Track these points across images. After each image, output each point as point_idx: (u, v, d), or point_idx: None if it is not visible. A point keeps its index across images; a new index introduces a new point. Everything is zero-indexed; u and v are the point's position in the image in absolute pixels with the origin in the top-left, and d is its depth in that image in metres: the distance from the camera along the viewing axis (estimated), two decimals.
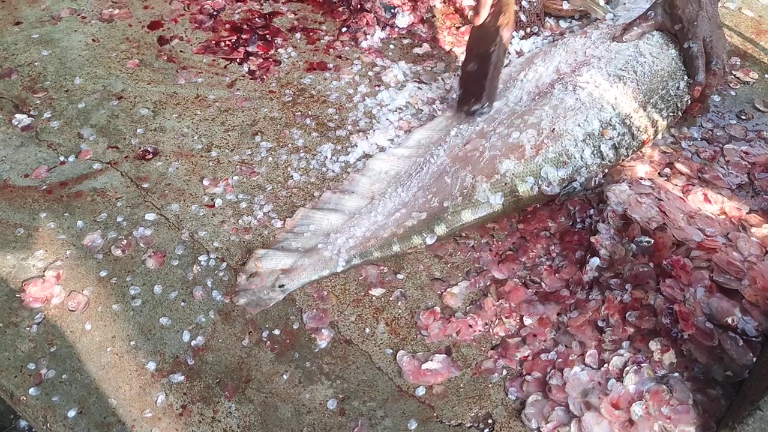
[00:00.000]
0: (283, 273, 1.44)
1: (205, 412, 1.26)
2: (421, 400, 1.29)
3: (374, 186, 1.60)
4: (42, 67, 1.91)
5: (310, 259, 1.46)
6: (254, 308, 1.40)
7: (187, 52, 1.99)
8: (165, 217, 1.57)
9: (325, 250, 1.47)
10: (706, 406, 1.18)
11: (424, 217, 1.48)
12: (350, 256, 1.46)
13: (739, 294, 1.28)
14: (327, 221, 1.54)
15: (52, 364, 1.32)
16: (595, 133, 1.56)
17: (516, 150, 1.53)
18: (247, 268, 1.46)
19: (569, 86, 1.64)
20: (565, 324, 1.36)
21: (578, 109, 1.58)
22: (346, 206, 1.57)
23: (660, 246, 1.37)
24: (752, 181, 1.60)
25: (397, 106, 1.82)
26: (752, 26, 2.08)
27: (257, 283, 1.43)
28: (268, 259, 1.47)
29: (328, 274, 1.45)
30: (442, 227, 1.48)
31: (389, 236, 1.47)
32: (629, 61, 1.67)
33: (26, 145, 1.71)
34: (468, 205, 1.49)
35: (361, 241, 1.47)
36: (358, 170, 1.65)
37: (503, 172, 1.50)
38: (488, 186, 1.49)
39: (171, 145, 1.72)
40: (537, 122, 1.57)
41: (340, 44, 2.03)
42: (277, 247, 1.50)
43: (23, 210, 1.57)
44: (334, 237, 1.49)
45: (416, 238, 1.47)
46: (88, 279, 1.45)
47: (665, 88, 1.66)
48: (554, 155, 1.53)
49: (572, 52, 1.78)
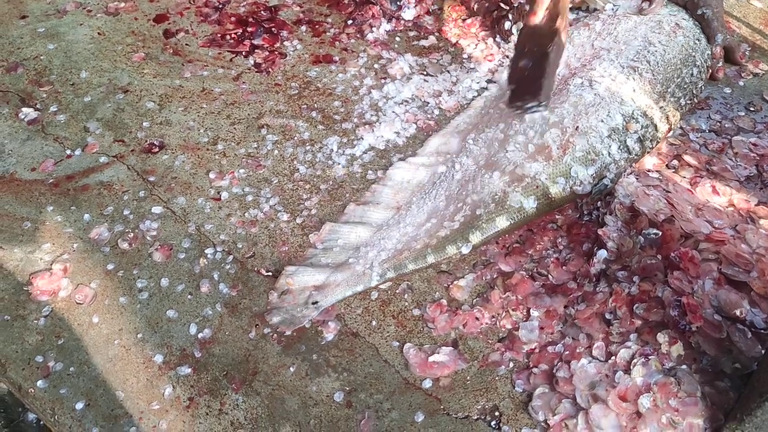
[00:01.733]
0: (316, 289, 1.40)
1: (212, 405, 1.27)
2: (428, 393, 1.28)
3: (398, 196, 1.57)
4: (48, 61, 1.91)
5: (343, 275, 1.42)
6: (288, 326, 1.36)
7: (192, 46, 1.99)
8: (171, 210, 1.57)
9: (357, 265, 1.43)
10: (715, 398, 1.18)
11: (457, 226, 1.45)
12: (383, 269, 1.42)
13: (748, 286, 1.28)
14: (355, 234, 1.50)
15: (60, 357, 1.32)
16: (619, 127, 1.54)
17: (542, 151, 1.50)
18: (278, 285, 1.42)
19: (585, 81, 1.63)
20: (573, 316, 1.35)
21: (599, 105, 1.57)
22: (373, 218, 1.53)
23: (668, 238, 1.36)
24: (761, 172, 1.59)
25: (403, 99, 1.82)
26: (761, 17, 2.06)
27: (290, 300, 1.39)
28: (300, 276, 1.42)
29: (363, 288, 1.41)
30: (476, 235, 1.44)
31: (422, 247, 1.44)
32: (640, 51, 1.67)
33: (33, 139, 1.71)
34: (502, 211, 1.45)
35: (393, 254, 1.44)
36: (380, 181, 1.61)
37: (533, 175, 1.47)
38: (520, 190, 1.46)
39: (177, 139, 1.72)
40: (559, 121, 1.55)
41: (346, 37, 2.02)
42: (307, 264, 1.46)
43: (30, 203, 1.57)
44: (364, 251, 1.46)
45: (451, 248, 1.44)
46: (95, 272, 1.45)
47: (680, 75, 1.66)
48: (582, 153, 1.50)
49: (579, 45, 1.77)
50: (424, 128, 1.75)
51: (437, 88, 1.85)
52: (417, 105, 1.81)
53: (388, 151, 1.70)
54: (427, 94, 1.83)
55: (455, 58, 1.95)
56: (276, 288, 1.42)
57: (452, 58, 1.95)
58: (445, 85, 1.86)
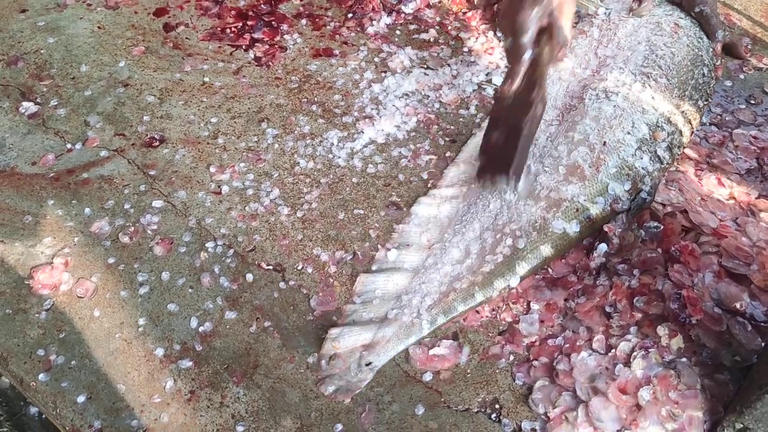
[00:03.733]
0: (366, 349, 1.32)
1: (213, 398, 1.27)
2: (429, 386, 1.29)
3: (427, 234, 1.49)
4: (48, 55, 1.91)
5: (391, 328, 1.33)
6: (345, 394, 1.27)
7: (192, 39, 1.98)
8: (172, 204, 1.57)
9: (404, 315, 1.34)
10: (714, 390, 1.18)
11: (501, 259, 1.38)
12: (432, 316, 1.34)
13: (748, 279, 1.28)
14: (392, 283, 1.42)
15: (62, 350, 1.33)
16: (647, 138, 1.51)
17: (575, 172, 1.45)
18: (323, 351, 1.32)
19: (600, 93, 1.58)
20: (573, 309, 1.35)
21: (621, 117, 1.52)
22: (406, 262, 1.45)
23: (669, 232, 1.37)
24: (761, 165, 1.59)
25: (404, 92, 1.81)
26: (762, 9, 2.06)
27: (340, 365, 1.30)
28: (345, 338, 1.33)
29: (415, 340, 1.32)
30: (523, 266, 1.38)
31: (469, 286, 1.36)
32: (648, 56, 1.64)
33: (33, 133, 1.71)
34: (545, 239, 1.39)
35: (439, 298, 1.36)
36: (404, 219, 1.53)
37: (570, 198, 1.42)
38: (561, 215, 1.41)
39: (177, 132, 1.72)
40: (584, 138, 1.50)
41: (346, 30, 2.02)
42: (349, 322, 1.37)
43: (31, 197, 1.57)
44: (407, 299, 1.37)
45: (499, 282, 1.37)
46: (96, 266, 1.45)
47: (694, 77, 1.63)
48: (616, 169, 1.46)
49: (582, 55, 1.73)
50: (424, 121, 1.75)
51: (437, 82, 1.85)
52: (417, 98, 1.81)
53: (389, 144, 1.70)
54: (427, 88, 1.83)
55: (456, 51, 1.95)
56: (323, 354, 1.32)
57: (452, 51, 1.95)
58: (445, 79, 1.86)
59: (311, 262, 1.47)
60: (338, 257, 1.48)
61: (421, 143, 1.70)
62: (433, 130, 1.73)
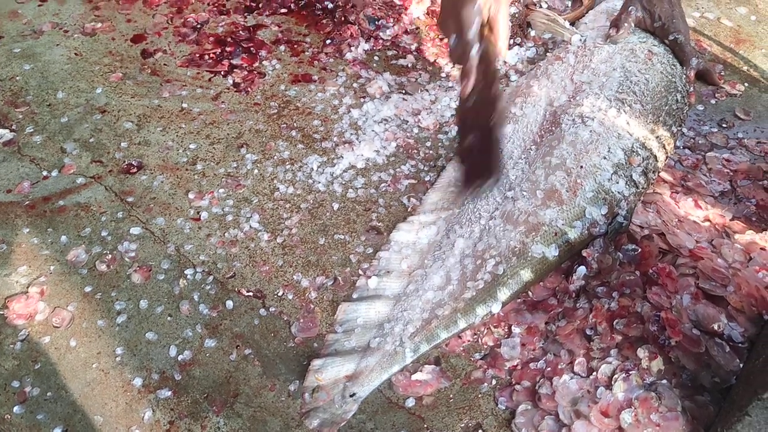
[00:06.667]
0: (349, 380, 1.30)
1: (193, 428, 1.25)
2: (411, 412, 1.28)
3: (407, 261, 1.50)
4: (24, 82, 1.89)
5: (374, 358, 1.32)
6: (330, 427, 1.25)
7: (171, 65, 1.98)
8: (150, 231, 1.55)
9: (386, 344, 1.33)
10: (695, 412, 1.19)
11: (482, 285, 1.38)
12: (415, 344, 1.32)
13: (725, 300, 1.30)
14: (374, 310, 1.41)
15: (37, 382, 1.30)
16: (622, 162, 1.52)
17: (552, 196, 1.46)
18: (306, 383, 1.31)
19: (576, 119, 1.60)
20: (554, 332, 1.36)
21: (597, 142, 1.54)
22: (387, 289, 1.45)
23: (646, 254, 1.38)
24: (734, 188, 1.62)
25: (383, 117, 1.83)
26: (731, 35, 2.11)
27: (324, 398, 1.28)
28: (328, 369, 1.32)
29: (399, 368, 1.31)
30: (504, 292, 1.38)
31: (451, 313, 1.35)
32: (623, 83, 1.66)
33: (8, 160, 1.69)
34: (525, 264, 1.39)
35: (422, 325, 1.35)
36: (384, 246, 1.53)
37: (548, 222, 1.43)
38: (539, 239, 1.41)
39: (156, 159, 1.71)
40: (561, 162, 1.51)
41: (325, 56, 2.03)
42: (331, 352, 1.35)
43: (6, 225, 1.55)
44: (389, 327, 1.36)
45: (481, 309, 1.36)
46: (73, 295, 1.43)
47: (668, 103, 1.66)
48: (592, 194, 1.47)
49: (558, 81, 1.75)
50: (403, 146, 1.76)
51: (416, 107, 1.86)
52: (396, 123, 1.82)
53: (368, 169, 1.70)
54: (406, 113, 1.85)
55: (433, 76, 1.97)
56: (306, 386, 1.30)
57: (430, 76, 1.97)
58: (423, 104, 1.87)
59: (292, 288, 1.46)
60: (319, 283, 1.47)
61: (400, 168, 1.71)
62: (412, 154, 1.74)
